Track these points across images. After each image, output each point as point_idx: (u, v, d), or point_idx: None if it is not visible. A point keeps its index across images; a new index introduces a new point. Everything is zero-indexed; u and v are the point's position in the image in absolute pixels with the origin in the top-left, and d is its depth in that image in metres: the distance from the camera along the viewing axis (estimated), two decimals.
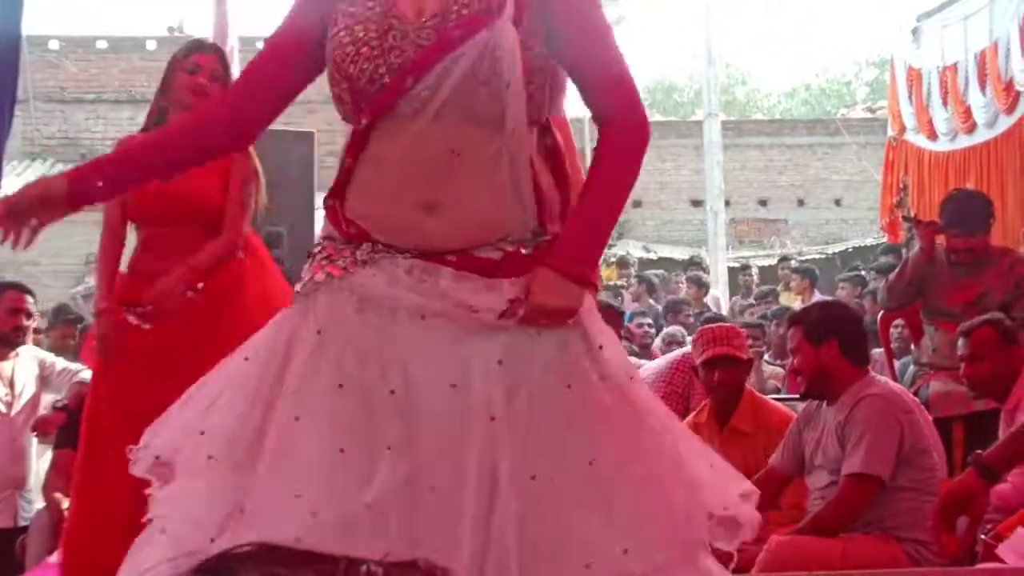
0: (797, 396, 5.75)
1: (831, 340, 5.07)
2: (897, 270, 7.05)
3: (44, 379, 6.84)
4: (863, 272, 13.27)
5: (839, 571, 4.66)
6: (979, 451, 3.55)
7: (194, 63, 4.86)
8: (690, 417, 6.18)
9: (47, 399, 6.83)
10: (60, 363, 6.91)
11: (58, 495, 6.28)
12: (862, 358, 5.20)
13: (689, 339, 10.62)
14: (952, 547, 3.50)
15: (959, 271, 6.70)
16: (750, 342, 9.90)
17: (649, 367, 8.20)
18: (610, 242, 20.76)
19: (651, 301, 14.28)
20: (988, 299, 6.51)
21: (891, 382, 5.50)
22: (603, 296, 14.83)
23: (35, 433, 6.68)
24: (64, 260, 19.29)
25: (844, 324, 5.27)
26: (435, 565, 2.14)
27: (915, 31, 13.04)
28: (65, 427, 6.36)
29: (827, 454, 4.99)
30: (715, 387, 5.94)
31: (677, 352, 8.32)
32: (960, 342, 5.67)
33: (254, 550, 1.60)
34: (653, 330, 11.14)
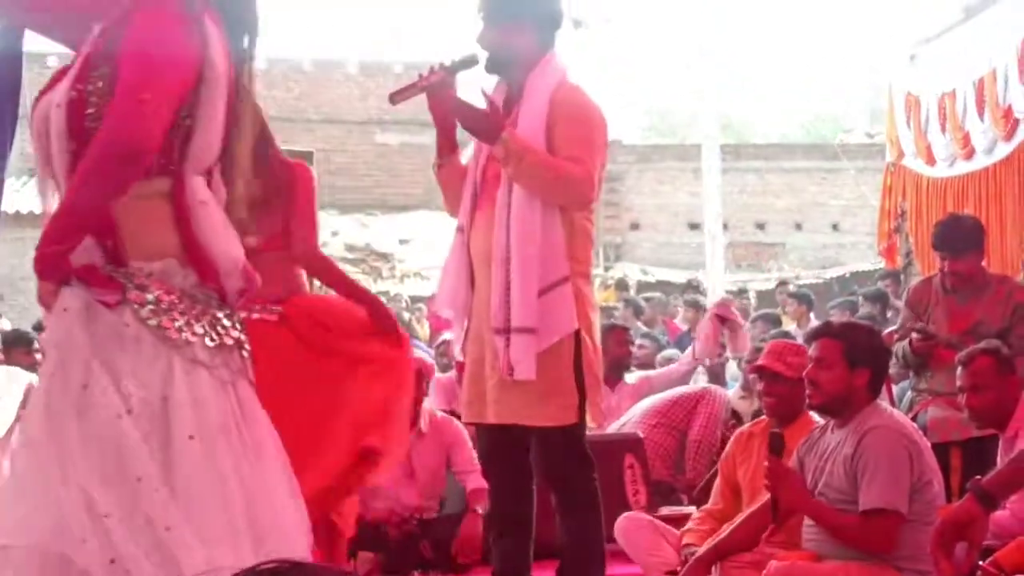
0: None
1: (866, 368, 5.02)
2: (898, 332, 7.01)
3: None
4: (856, 298, 13.27)
5: None
6: (978, 477, 3.55)
7: None
8: (745, 427, 6.16)
9: None
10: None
11: None
12: (879, 393, 5.19)
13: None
14: (950, 573, 3.50)
15: (955, 298, 6.71)
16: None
17: (649, 400, 8.25)
18: (608, 264, 20.82)
19: (639, 324, 14.30)
20: (984, 327, 6.51)
21: (895, 411, 5.47)
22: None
23: None
24: None
25: (882, 356, 5.23)
26: None
27: (913, 58, 13.06)
28: None
29: (831, 484, 4.94)
30: (762, 396, 5.91)
31: (682, 390, 8.36)
32: (959, 372, 5.66)
33: None
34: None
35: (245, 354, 3.05)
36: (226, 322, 3.03)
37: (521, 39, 4.85)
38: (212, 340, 2.95)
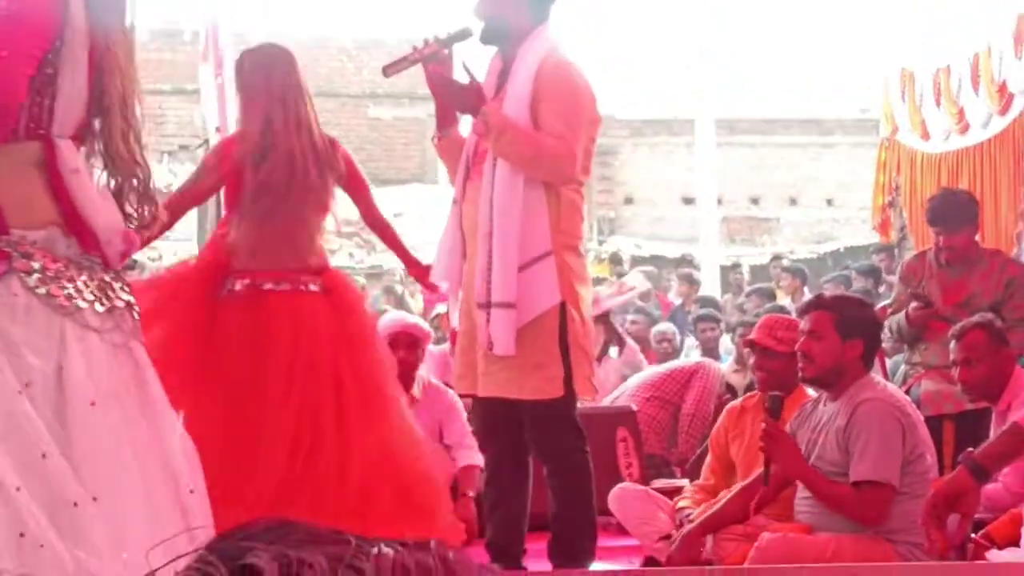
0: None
1: (858, 339, 5.04)
2: (892, 306, 7.03)
3: None
4: (849, 272, 13.28)
5: (832, 564, 4.67)
6: (971, 450, 3.57)
7: None
8: (737, 402, 6.20)
9: None
10: None
11: None
12: (871, 364, 5.21)
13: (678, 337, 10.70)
14: (942, 544, 3.53)
15: (949, 272, 6.73)
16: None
17: (643, 373, 8.28)
18: (601, 238, 20.77)
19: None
20: (978, 300, 6.53)
21: (888, 384, 5.49)
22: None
23: None
24: None
25: (874, 327, 5.26)
26: None
27: (908, 32, 13.05)
28: None
29: (824, 456, 4.97)
30: (755, 369, 5.93)
31: (676, 363, 8.39)
32: (952, 345, 5.67)
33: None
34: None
35: (136, 316, 3.03)
36: (116, 285, 3.01)
37: (512, 10, 4.87)
38: (103, 304, 2.93)
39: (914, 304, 6.65)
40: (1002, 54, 10.25)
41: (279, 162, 4.91)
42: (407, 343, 6.39)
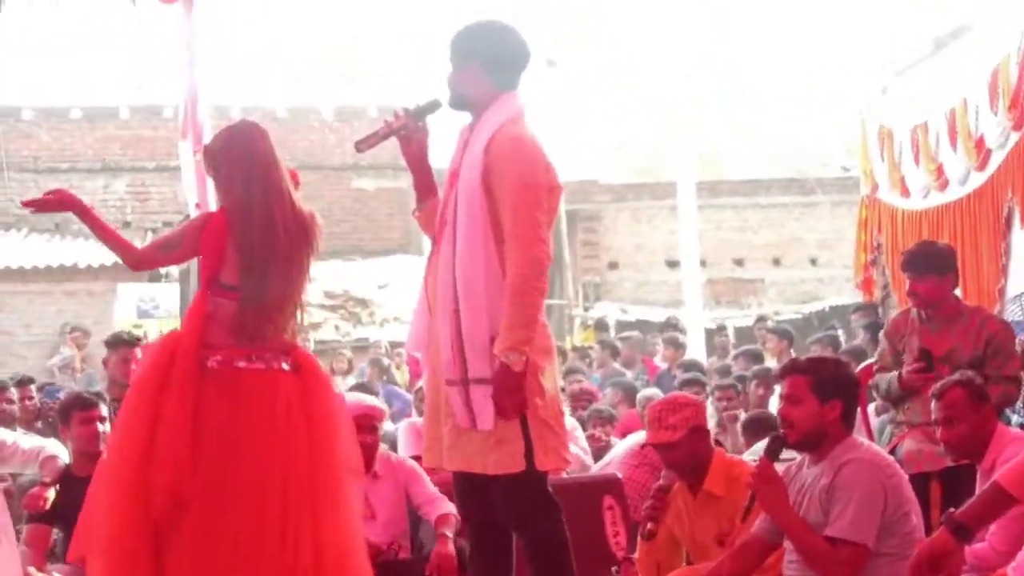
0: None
1: (837, 400, 5.02)
2: (877, 363, 7.05)
3: None
4: (836, 332, 13.25)
5: None
6: (952, 510, 3.54)
7: None
8: (661, 481, 6.12)
9: None
10: (10, 437, 6.75)
11: (32, 570, 6.20)
12: (853, 424, 5.19)
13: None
14: None
15: (930, 327, 6.71)
16: (724, 403, 9.84)
17: (629, 440, 8.21)
18: (587, 304, 20.79)
19: (616, 365, 14.27)
20: (957, 355, 6.51)
21: (873, 445, 5.48)
22: (571, 359, 14.84)
23: (27, 511, 6.57)
24: (38, 331, 19.27)
25: (852, 387, 5.22)
26: None
27: (885, 90, 13.13)
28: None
29: (807, 517, 4.94)
30: (668, 468, 5.93)
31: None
32: (933, 405, 5.64)
33: None
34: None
35: None
36: None
37: (471, 79, 4.89)
38: None
39: (914, 365, 6.61)
40: (978, 109, 10.30)
41: (253, 239, 4.89)
42: (367, 426, 6.40)
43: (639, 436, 8.18)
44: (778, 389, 7.65)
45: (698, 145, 17.76)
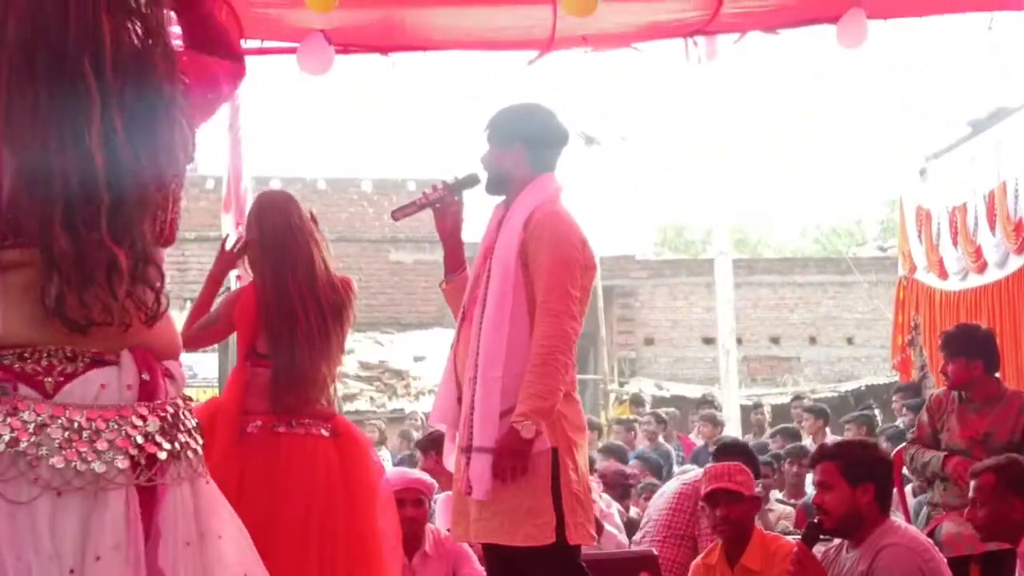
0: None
1: (869, 484, 4.99)
2: (914, 433, 7.05)
3: None
4: (872, 412, 13.18)
5: None
6: None
7: None
8: (699, 558, 6.10)
9: None
10: None
11: None
12: (889, 505, 5.16)
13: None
14: None
15: (969, 408, 6.71)
16: (758, 481, 9.77)
17: (654, 509, 8.13)
18: (622, 380, 20.67)
19: (661, 440, 14.20)
20: (993, 438, 6.50)
21: (910, 528, 5.44)
22: (611, 434, 14.81)
23: None
24: None
25: (883, 469, 5.20)
26: None
27: (923, 172, 13.15)
28: None
29: None
30: (719, 523, 5.88)
31: (679, 489, 8.14)
32: (971, 483, 5.63)
33: None
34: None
35: None
36: None
37: (512, 159, 4.92)
38: None
39: (958, 458, 6.60)
40: (1017, 191, 10.31)
41: (271, 314, 4.95)
42: (413, 500, 6.34)
43: (658, 510, 8.01)
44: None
45: (736, 223, 17.72)
